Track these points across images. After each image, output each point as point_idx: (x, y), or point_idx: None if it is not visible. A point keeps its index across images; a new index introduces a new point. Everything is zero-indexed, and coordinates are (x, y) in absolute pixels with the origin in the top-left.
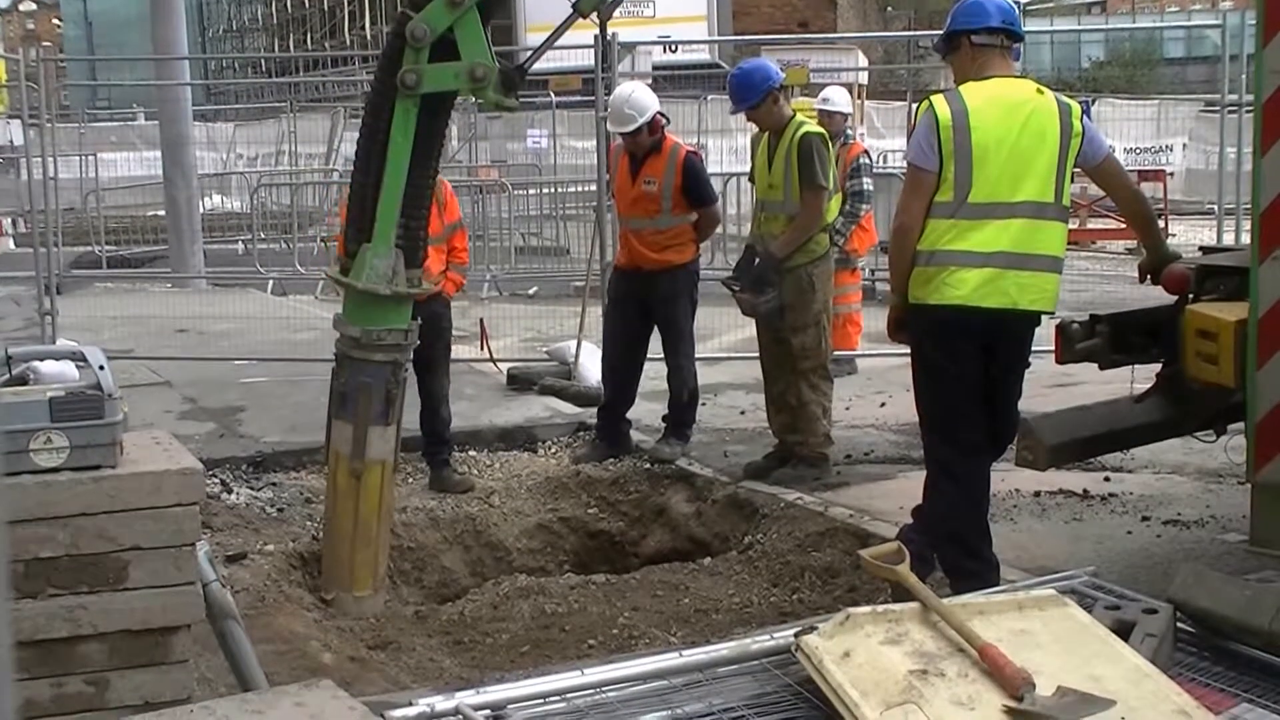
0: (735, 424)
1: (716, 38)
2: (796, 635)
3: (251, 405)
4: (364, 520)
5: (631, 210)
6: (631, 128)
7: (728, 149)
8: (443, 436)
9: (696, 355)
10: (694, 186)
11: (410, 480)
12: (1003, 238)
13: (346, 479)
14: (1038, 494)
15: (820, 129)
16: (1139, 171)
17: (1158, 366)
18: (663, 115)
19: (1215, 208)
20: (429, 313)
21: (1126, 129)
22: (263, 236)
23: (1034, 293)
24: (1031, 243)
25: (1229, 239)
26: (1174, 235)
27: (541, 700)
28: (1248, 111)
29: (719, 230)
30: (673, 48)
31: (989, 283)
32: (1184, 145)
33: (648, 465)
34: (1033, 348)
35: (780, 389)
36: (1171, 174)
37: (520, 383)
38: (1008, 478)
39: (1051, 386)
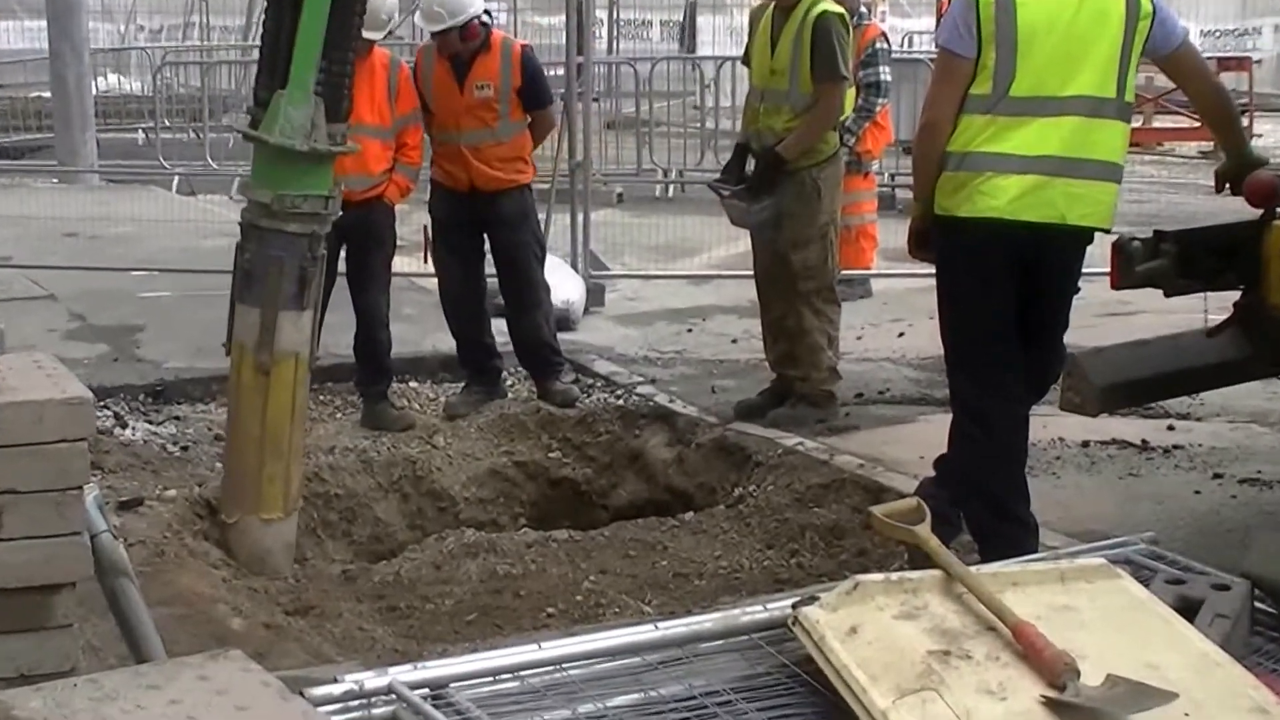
0: (725, 355)
1: None
2: (794, 606)
3: (151, 324)
4: (273, 425)
5: (463, 122)
6: (438, 28)
7: (723, 27)
8: (380, 364)
9: (680, 271)
10: (534, 86)
11: (339, 415)
12: (1050, 139)
13: (252, 375)
14: (1086, 444)
15: (839, 7)
16: (1218, 59)
17: (1235, 294)
18: (486, 18)
19: None
20: (368, 220)
21: (1204, 8)
22: (167, 125)
23: (1086, 205)
24: (1085, 145)
25: None
26: (1259, 136)
27: (490, 678)
28: None
29: (710, 126)
30: None
31: (1032, 192)
32: (1275, 28)
33: (620, 401)
34: (1083, 270)
35: (778, 314)
36: (1258, 61)
37: None
38: (1050, 424)
39: (1104, 316)
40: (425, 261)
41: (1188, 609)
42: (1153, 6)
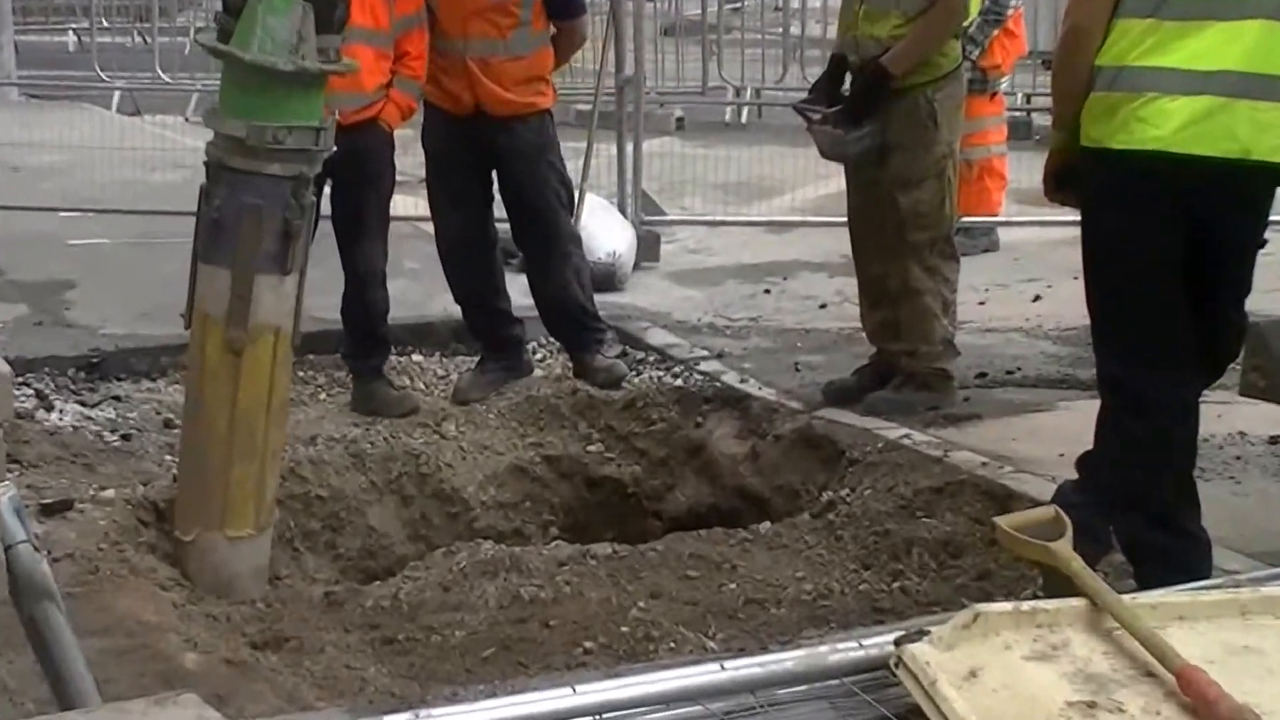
0: (811, 323)
1: None
2: (897, 643)
3: (85, 279)
4: (245, 418)
5: (471, 28)
6: None
7: None
8: (374, 332)
9: (755, 216)
10: None
11: (323, 396)
12: (1230, 49)
13: (220, 354)
14: (1275, 440)
15: None
16: None
17: None
18: None
19: None
20: (359, 149)
21: None
22: (105, 25)
23: (1277, 135)
24: (1276, 57)
25: None
26: None
27: None
28: None
29: (795, 33)
30: None
31: (1206, 118)
32: None
33: (678, 381)
34: (1270, 218)
35: (879, 272)
36: None
37: None
38: (1227, 414)
39: None
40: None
41: None
42: None
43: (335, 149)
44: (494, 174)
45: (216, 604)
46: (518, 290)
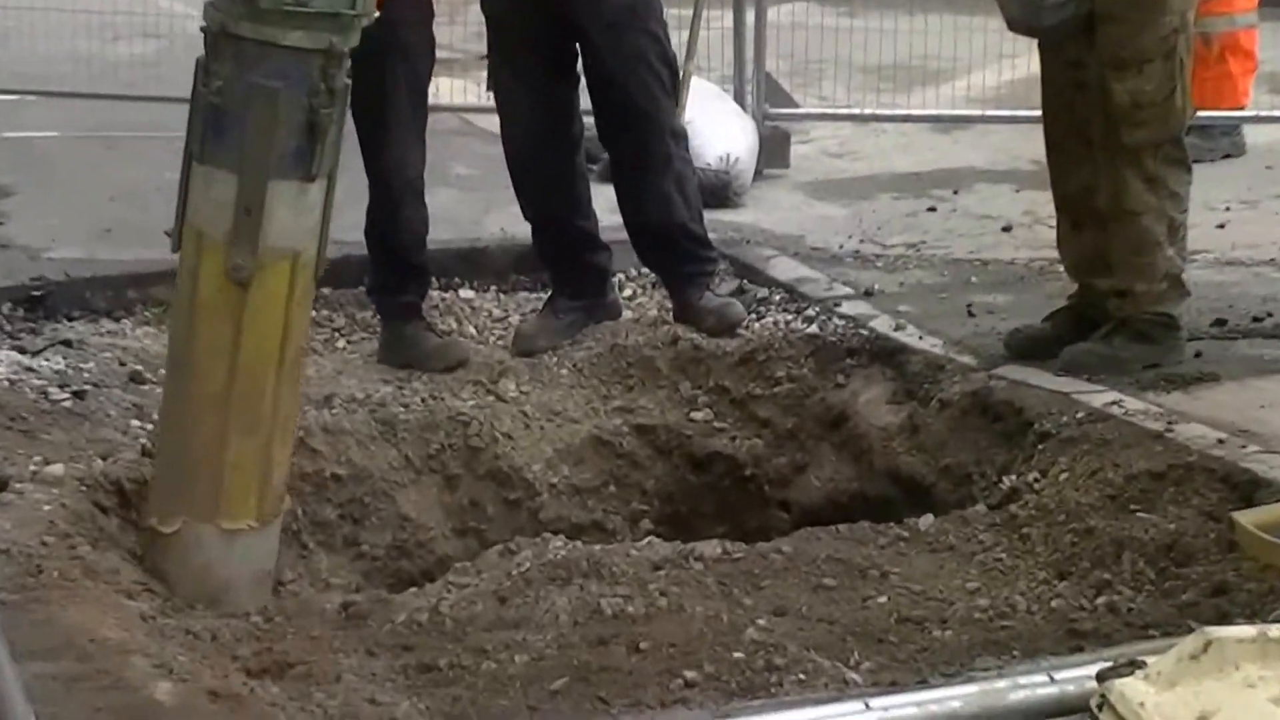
0: (990, 251)
1: None
2: (1101, 677)
3: (26, 186)
4: (248, 373)
5: None
6: None
7: None
8: (407, 259)
9: (916, 110)
10: None
11: (342, 343)
12: None
13: (217, 287)
14: None
15: None
16: None
17: None
18: None
19: None
20: (386, 20)
21: None
22: None
23: None
24: None
25: None
26: None
27: None
28: None
29: None
30: None
31: None
32: None
33: (813, 327)
34: None
35: (1084, 184)
36: None
37: None
38: None
39: None
40: (486, 90)
41: None
42: None
43: (376, 15)
44: (577, 47)
45: (199, 617)
46: (602, 205)
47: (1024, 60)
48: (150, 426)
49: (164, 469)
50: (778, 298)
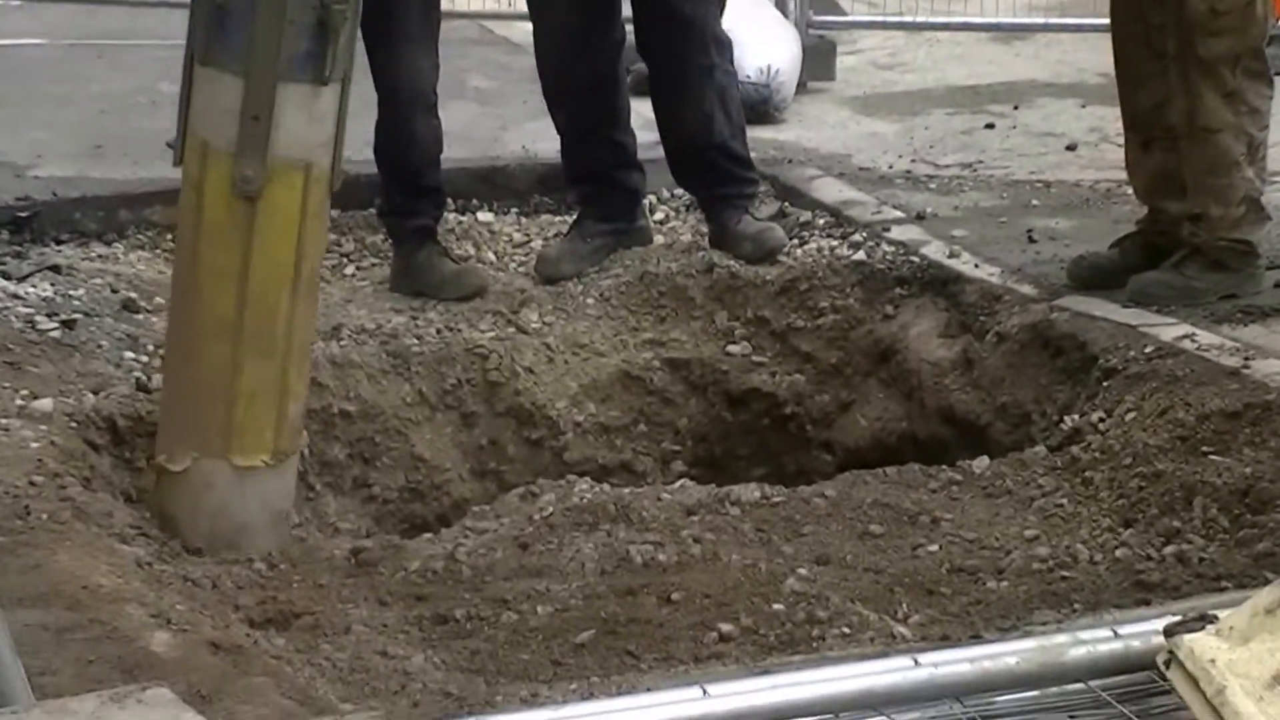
0: (1053, 172)
1: None
2: (1169, 632)
3: (10, 99)
4: (260, 296)
5: None
6: None
7: None
8: (419, 179)
9: (973, 18)
10: None
11: (351, 269)
12: None
13: (224, 203)
14: None
15: None
16: None
17: None
18: None
19: None
20: None
21: None
22: None
23: None
24: None
25: None
26: None
27: None
28: None
29: None
30: None
31: None
32: None
33: (859, 255)
34: None
35: (1156, 100)
36: None
37: None
38: None
39: None
40: None
41: None
42: None
43: None
44: None
45: (198, 563)
46: (640, 119)
47: None
48: (145, 359)
49: (171, 402)
50: (822, 222)
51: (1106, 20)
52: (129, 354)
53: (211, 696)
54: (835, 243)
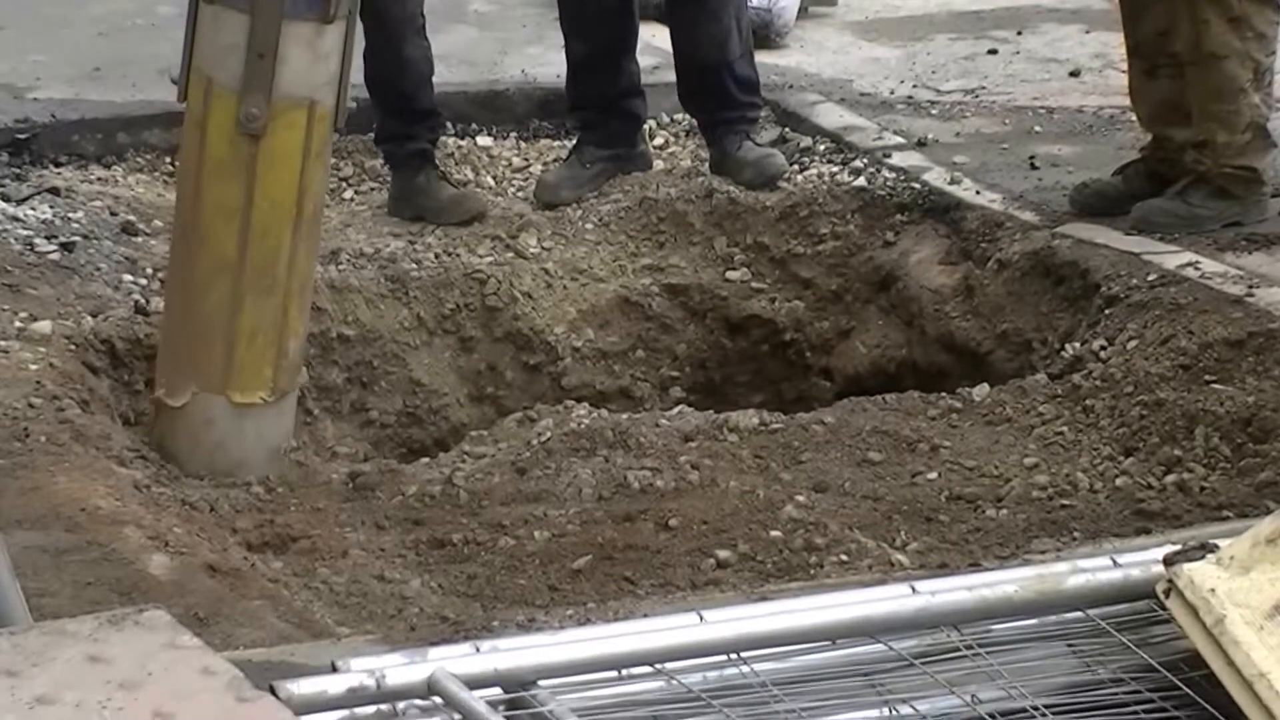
0: (1056, 98)
1: None
2: (1168, 561)
3: (7, 20)
4: (262, 233)
5: None
6: None
7: None
8: (413, 103)
9: None
10: None
11: (349, 194)
12: None
13: (228, 140)
14: None
15: None
16: None
17: None
18: None
19: None
20: None
21: None
22: None
23: None
24: None
25: None
26: None
27: (611, 673)
28: None
29: None
30: None
31: None
32: None
33: (859, 181)
34: None
35: (1160, 24)
36: None
37: None
38: None
39: None
40: None
41: None
42: None
43: None
44: None
45: (196, 486)
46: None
47: None
48: (144, 281)
49: (171, 338)
50: (822, 148)
51: None
52: (128, 277)
53: (209, 619)
54: (836, 168)
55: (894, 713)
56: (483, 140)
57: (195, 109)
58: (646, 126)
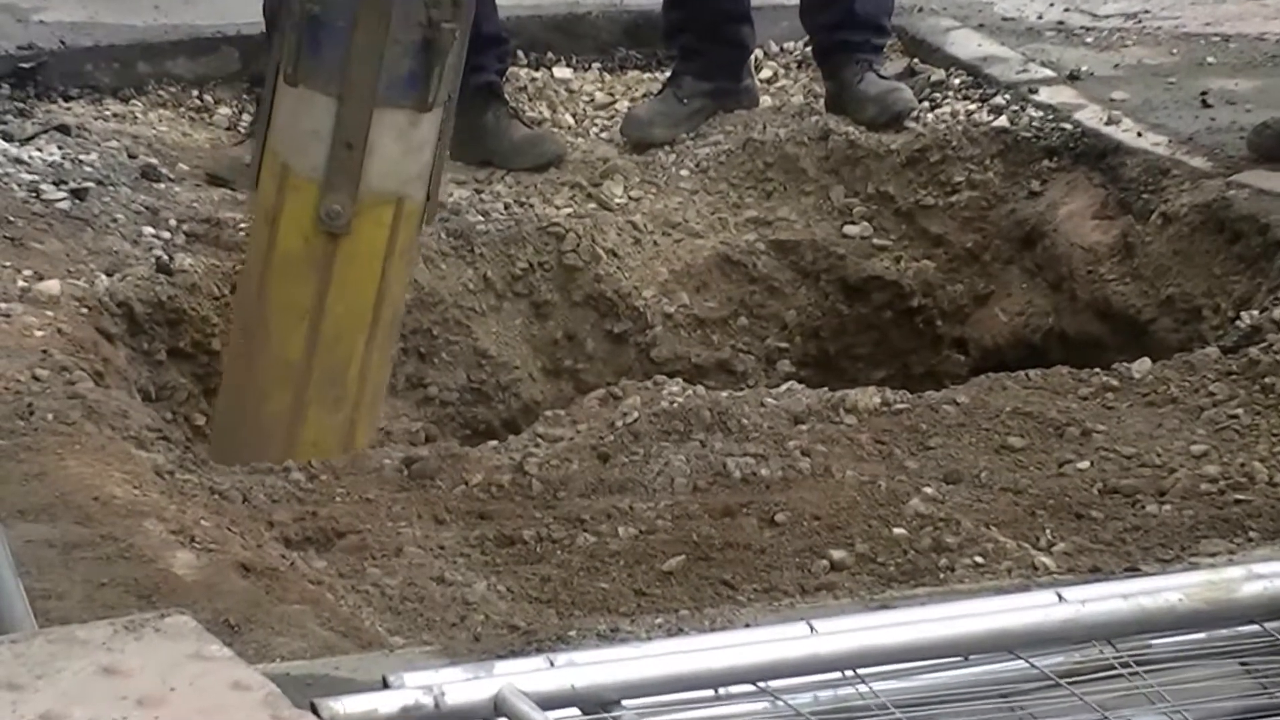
0: (1232, 23)
1: None
2: None
3: None
4: (334, 341)
5: None
6: None
7: None
8: (477, 26)
9: None
10: None
11: None
12: None
13: (304, 236)
14: None
15: None
16: None
17: None
18: None
19: None
20: None
21: None
22: None
23: None
24: None
25: None
26: None
27: (711, 692)
28: None
29: None
30: None
31: None
32: None
33: (1000, 120)
34: None
35: None
36: None
37: None
38: None
39: None
40: None
41: None
42: None
43: None
44: None
45: (226, 473)
46: None
47: None
48: (167, 235)
49: (224, 436)
50: (957, 81)
51: None
52: (148, 229)
53: (241, 626)
54: (973, 106)
55: None
56: (560, 72)
57: (267, 198)
58: (753, 57)
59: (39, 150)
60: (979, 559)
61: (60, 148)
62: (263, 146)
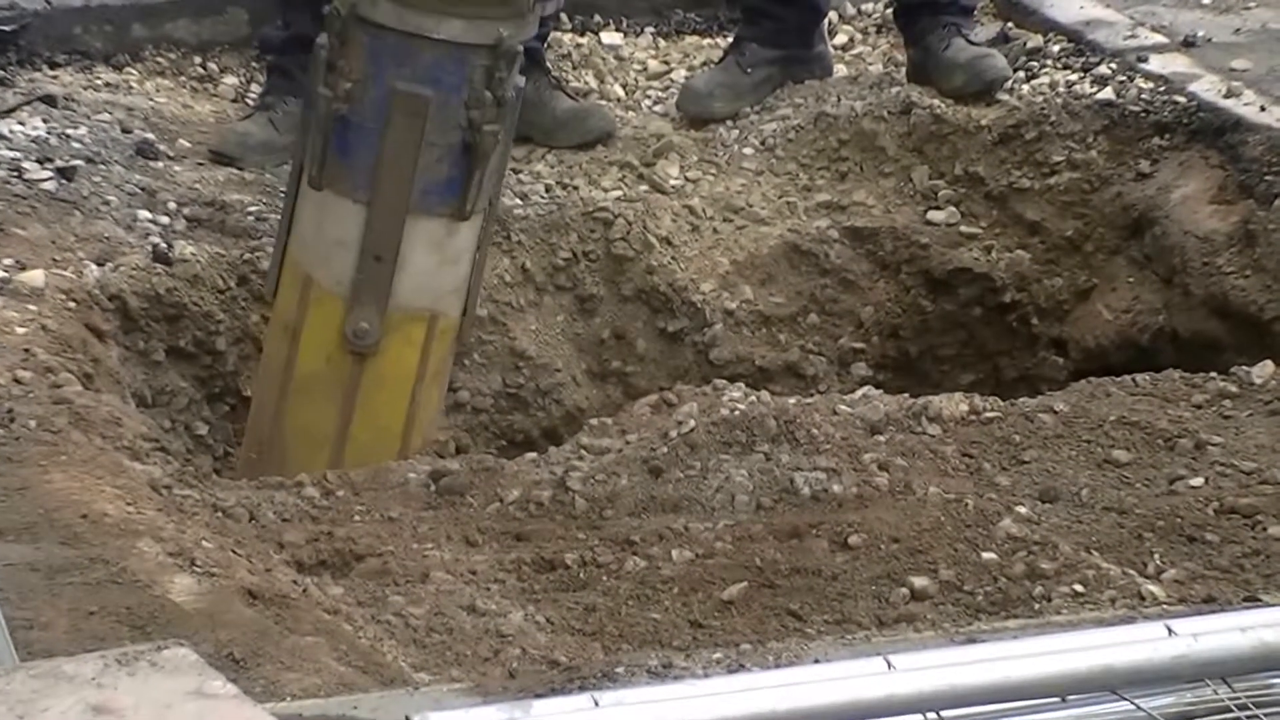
0: None
1: None
2: None
3: None
4: (356, 468)
5: None
6: None
7: None
8: None
9: None
10: None
11: None
12: None
13: (328, 354)
14: None
15: None
16: None
17: None
18: None
19: None
20: None
21: None
22: None
23: None
24: None
25: None
26: None
27: None
28: None
29: None
30: None
31: None
32: None
33: (1104, 92)
34: None
35: None
36: None
37: None
38: None
39: None
40: None
41: None
42: None
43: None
44: None
45: (232, 488)
46: None
47: None
48: (165, 219)
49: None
50: (1057, 49)
51: None
52: (144, 213)
53: (247, 660)
54: (1074, 76)
55: None
56: (609, 37)
57: (286, 312)
58: (827, 20)
59: (21, 124)
60: (1078, 587)
61: (45, 121)
62: (282, 253)
